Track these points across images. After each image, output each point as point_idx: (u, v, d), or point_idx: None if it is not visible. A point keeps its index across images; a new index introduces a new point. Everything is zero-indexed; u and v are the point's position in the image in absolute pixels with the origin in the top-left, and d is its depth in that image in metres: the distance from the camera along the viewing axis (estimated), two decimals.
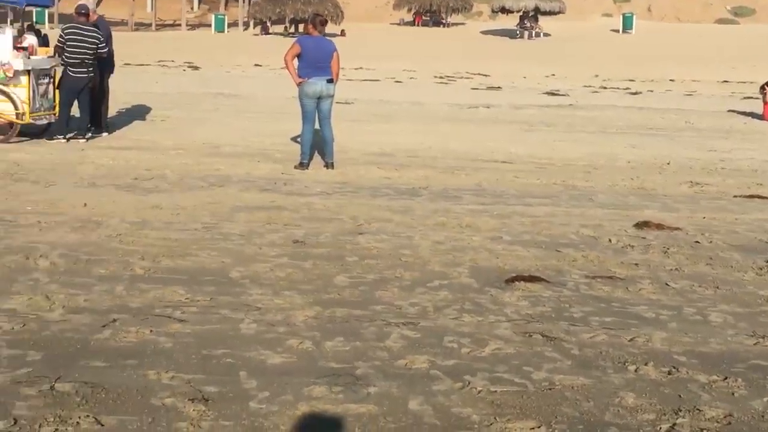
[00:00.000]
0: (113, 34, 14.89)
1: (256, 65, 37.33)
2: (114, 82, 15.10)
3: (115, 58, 15.15)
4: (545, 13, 66.74)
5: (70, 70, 13.46)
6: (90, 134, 14.01)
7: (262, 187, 10.65)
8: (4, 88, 13.14)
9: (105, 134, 14.54)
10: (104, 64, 14.27)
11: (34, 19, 52.02)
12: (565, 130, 18.04)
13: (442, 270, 7.21)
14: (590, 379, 4.98)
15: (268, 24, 68.38)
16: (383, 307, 6.18)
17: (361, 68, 33.38)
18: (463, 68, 37.29)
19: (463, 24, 73.21)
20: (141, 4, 75.11)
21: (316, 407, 4.51)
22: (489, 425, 4.38)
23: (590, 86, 29.37)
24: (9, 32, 13.30)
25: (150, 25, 70.24)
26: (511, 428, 4.36)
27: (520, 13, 66.59)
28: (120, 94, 17.66)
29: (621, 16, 69.85)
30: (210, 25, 69.03)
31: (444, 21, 73.13)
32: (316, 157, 12.52)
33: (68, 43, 13.34)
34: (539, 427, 4.37)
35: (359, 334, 5.61)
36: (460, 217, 9.30)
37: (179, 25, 70.92)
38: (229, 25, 68.92)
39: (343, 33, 59.01)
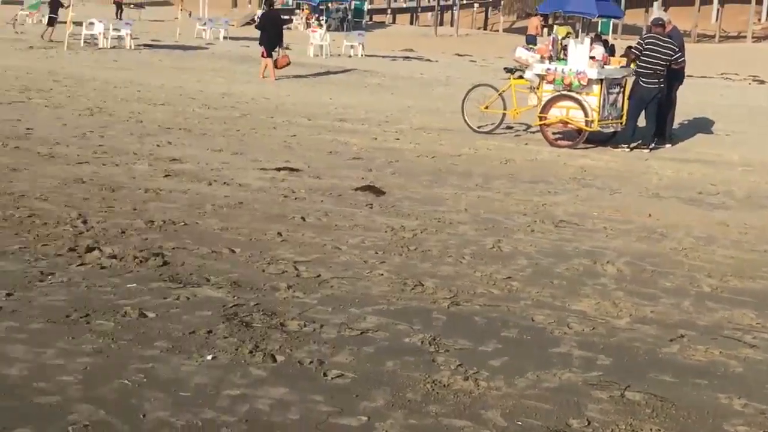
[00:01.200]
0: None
1: None
2: (678, 93, 14.96)
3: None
4: None
5: (641, 80, 13.58)
6: (653, 144, 14.02)
7: None
8: (577, 96, 13.63)
9: (668, 146, 14.48)
10: (673, 75, 14.18)
11: (599, 29, 53.61)
12: None
13: None
14: None
15: None
16: None
17: None
18: None
19: None
20: (705, 14, 73.86)
21: None
22: None
23: None
24: (587, 42, 13.77)
25: (713, 36, 68.79)
26: None
27: None
28: (682, 105, 17.41)
29: None
30: None
31: None
32: None
33: (644, 52, 13.46)
34: None
35: None
36: None
37: (744, 37, 68.57)
38: None
39: None
